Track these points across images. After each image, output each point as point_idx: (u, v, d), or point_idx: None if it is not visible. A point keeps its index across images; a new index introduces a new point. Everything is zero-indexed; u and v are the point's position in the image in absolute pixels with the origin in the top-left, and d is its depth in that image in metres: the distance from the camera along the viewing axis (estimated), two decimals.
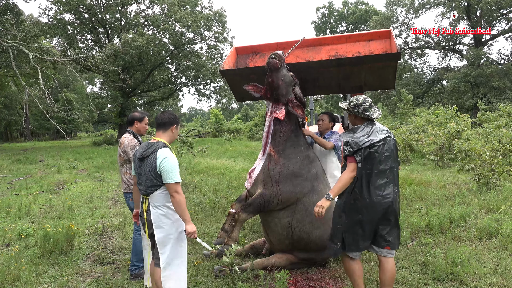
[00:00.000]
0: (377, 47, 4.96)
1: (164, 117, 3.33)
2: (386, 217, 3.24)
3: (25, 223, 6.30)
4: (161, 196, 3.19)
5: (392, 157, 3.28)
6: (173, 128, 3.36)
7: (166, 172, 3.09)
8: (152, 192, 3.19)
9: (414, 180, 9.33)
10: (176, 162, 3.15)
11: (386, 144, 3.25)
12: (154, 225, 3.19)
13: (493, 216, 5.81)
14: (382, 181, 3.21)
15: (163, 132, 3.33)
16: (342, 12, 54.68)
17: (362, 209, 3.21)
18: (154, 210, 3.21)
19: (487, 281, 3.88)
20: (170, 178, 3.09)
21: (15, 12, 25.55)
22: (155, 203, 3.21)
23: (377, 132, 3.28)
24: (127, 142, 4.25)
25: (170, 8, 30.14)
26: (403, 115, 29.23)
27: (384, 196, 3.20)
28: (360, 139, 3.22)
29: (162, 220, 3.19)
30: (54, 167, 14.81)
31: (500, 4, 31.02)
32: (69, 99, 39.99)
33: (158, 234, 3.19)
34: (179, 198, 3.10)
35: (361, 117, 3.39)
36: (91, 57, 24.92)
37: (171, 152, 3.20)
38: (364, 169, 3.19)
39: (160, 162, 3.09)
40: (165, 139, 3.31)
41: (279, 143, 4.31)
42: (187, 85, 36.29)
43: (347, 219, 3.27)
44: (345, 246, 3.29)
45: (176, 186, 3.10)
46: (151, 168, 3.13)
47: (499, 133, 12.94)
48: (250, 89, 4.51)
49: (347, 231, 3.28)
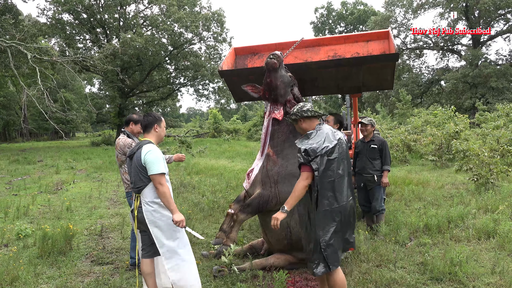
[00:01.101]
0: (376, 48, 4.97)
1: (144, 120, 3.54)
2: (350, 220, 3.22)
3: (24, 224, 6.29)
4: (150, 192, 3.33)
5: (346, 159, 3.24)
6: (155, 127, 3.52)
7: (150, 163, 3.24)
8: (142, 189, 3.33)
9: (412, 180, 9.35)
10: (160, 155, 3.30)
11: (339, 147, 3.19)
12: (148, 221, 3.32)
13: (491, 216, 5.82)
14: (343, 185, 3.15)
15: (148, 133, 3.54)
16: (341, 12, 54.77)
17: (335, 218, 3.09)
18: (146, 207, 3.33)
19: (485, 281, 3.89)
20: (153, 169, 3.23)
21: (14, 12, 25.50)
22: (146, 199, 3.34)
23: (330, 137, 3.19)
24: (122, 143, 4.36)
25: (168, 8, 30.15)
26: (401, 116, 29.27)
27: (348, 200, 3.18)
28: (316, 146, 3.09)
29: (154, 215, 3.32)
30: (52, 168, 14.78)
31: (498, 5, 31.11)
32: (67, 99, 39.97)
33: (152, 229, 3.33)
34: (163, 190, 3.24)
35: (310, 117, 3.29)
36: (89, 57, 24.91)
37: (155, 146, 3.40)
38: (326, 177, 3.06)
39: (145, 155, 3.26)
40: (151, 139, 3.51)
41: (278, 143, 4.32)
42: (185, 85, 36.30)
43: (323, 234, 3.07)
44: (329, 265, 3.06)
45: (160, 177, 3.24)
46: (137, 162, 3.31)
47: (497, 134, 12.99)
48: (248, 89, 4.52)
49: (327, 246, 3.06)
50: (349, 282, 3.95)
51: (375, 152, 5.64)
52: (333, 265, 3.08)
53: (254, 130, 33.19)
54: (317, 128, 3.28)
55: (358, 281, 3.94)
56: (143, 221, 3.36)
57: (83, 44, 33.12)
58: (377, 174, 5.58)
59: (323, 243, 3.05)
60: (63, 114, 25.50)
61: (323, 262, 3.06)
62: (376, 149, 5.63)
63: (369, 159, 5.62)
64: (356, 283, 3.92)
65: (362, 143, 5.77)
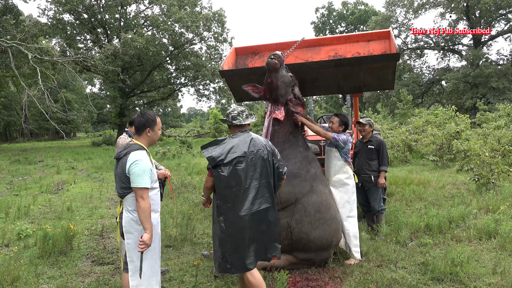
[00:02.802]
0: (377, 48, 4.97)
1: (136, 121, 3.18)
2: (254, 232, 3.14)
3: (25, 224, 6.29)
4: (132, 200, 3.05)
5: (263, 169, 3.14)
6: (147, 131, 3.17)
7: (134, 176, 2.94)
8: (126, 195, 3.06)
9: (413, 180, 9.34)
10: (146, 166, 2.99)
11: (254, 158, 3.12)
12: (124, 230, 3.06)
13: (492, 217, 5.81)
14: (247, 196, 3.09)
15: (139, 136, 3.20)
16: (342, 12, 54.74)
17: (230, 228, 3.09)
18: (126, 214, 3.07)
19: (486, 281, 3.88)
20: (137, 182, 2.94)
21: (15, 12, 25.54)
22: (128, 207, 3.07)
23: (243, 146, 3.13)
24: (122, 142, 4.38)
25: (169, 8, 30.18)
26: (402, 116, 29.25)
27: (252, 212, 3.10)
28: (216, 155, 3.11)
29: (133, 226, 3.04)
30: (53, 168, 14.80)
31: (499, 5, 31.08)
32: (68, 100, 40.03)
33: (127, 239, 3.05)
34: (144, 205, 2.93)
35: (234, 126, 3.36)
36: (90, 58, 24.92)
37: (145, 155, 3.04)
38: (225, 187, 3.09)
39: (130, 165, 2.96)
40: (142, 142, 3.17)
41: (278, 143, 4.32)
42: (186, 85, 36.33)
43: (217, 242, 3.15)
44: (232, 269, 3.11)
45: (142, 191, 2.95)
46: (122, 170, 3.03)
47: (498, 134, 12.97)
48: (249, 89, 4.52)
49: (226, 254, 3.10)
50: (350, 282, 3.95)
51: (373, 152, 5.64)
52: (238, 270, 3.12)
53: (255, 130, 33.18)
54: (234, 135, 3.32)
55: (359, 281, 3.93)
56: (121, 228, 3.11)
57: (84, 44, 33.18)
58: (374, 174, 5.57)
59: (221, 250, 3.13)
60: (64, 114, 25.52)
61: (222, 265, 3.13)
62: (374, 149, 5.63)
63: (366, 159, 5.62)
64: (357, 283, 3.91)
65: (361, 143, 5.77)
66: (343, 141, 4.58)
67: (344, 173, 4.63)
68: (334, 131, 4.73)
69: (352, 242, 4.55)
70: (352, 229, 4.57)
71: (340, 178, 4.62)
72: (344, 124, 4.72)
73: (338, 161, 4.64)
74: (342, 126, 4.72)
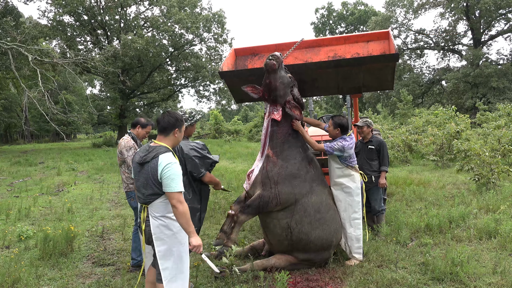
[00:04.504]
0: (376, 48, 4.97)
1: (164, 122, 3.04)
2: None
3: (25, 225, 6.30)
4: (161, 205, 2.93)
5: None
6: (175, 131, 3.06)
7: (168, 180, 2.81)
8: (152, 201, 2.93)
9: (413, 180, 9.34)
10: (179, 170, 2.89)
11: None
12: (154, 237, 2.92)
13: (493, 216, 5.81)
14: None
15: (165, 136, 3.05)
16: (341, 13, 54.78)
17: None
18: (154, 221, 2.94)
19: (486, 281, 3.88)
20: (172, 187, 2.81)
21: (15, 14, 25.58)
22: (155, 213, 2.94)
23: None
24: (124, 143, 4.41)
25: (169, 9, 30.19)
26: (402, 116, 29.25)
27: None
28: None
29: (163, 232, 2.92)
30: (54, 169, 14.80)
31: (499, 5, 31.08)
32: (68, 101, 40.05)
33: (158, 247, 2.93)
34: (183, 209, 2.80)
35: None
36: (90, 59, 24.92)
37: (174, 157, 2.93)
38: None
39: (162, 169, 2.82)
40: (167, 143, 3.03)
41: (277, 144, 4.32)
42: (186, 86, 36.33)
43: None
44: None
45: (178, 195, 2.82)
46: (152, 175, 2.87)
47: (498, 133, 12.97)
48: (248, 90, 4.52)
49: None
50: (350, 283, 3.95)
51: (373, 153, 5.63)
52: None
53: (255, 131, 33.19)
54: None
55: (359, 282, 3.94)
56: (150, 236, 2.98)
57: (84, 46, 33.16)
58: (375, 175, 5.57)
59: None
60: (64, 116, 25.51)
61: None
62: (374, 150, 5.63)
63: (366, 160, 5.61)
64: (357, 283, 3.92)
65: (361, 143, 5.77)
66: (338, 149, 4.41)
67: (346, 176, 4.53)
68: (331, 135, 4.68)
69: (354, 244, 4.51)
70: (355, 232, 4.51)
71: (341, 181, 4.54)
72: (339, 126, 4.56)
73: (339, 165, 4.56)
74: (338, 129, 4.57)
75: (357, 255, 4.50)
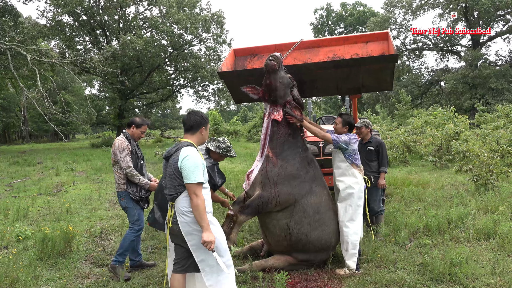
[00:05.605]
0: (375, 49, 4.98)
1: (191, 120, 3.14)
2: None
3: (23, 226, 6.29)
4: (186, 200, 2.98)
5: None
6: (202, 130, 3.17)
7: (187, 171, 2.89)
8: (177, 196, 3.00)
9: (412, 181, 9.35)
10: (199, 161, 2.96)
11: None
12: (184, 233, 2.98)
13: (491, 217, 5.82)
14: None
15: (191, 134, 3.17)
16: (340, 13, 54.85)
17: None
18: (181, 218, 2.99)
19: (485, 282, 3.88)
20: (190, 177, 2.89)
21: (13, 14, 25.56)
22: (181, 209, 2.99)
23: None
24: (118, 144, 4.37)
25: (168, 10, 30.16)
26: (401, 116, 29.28)
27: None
28: None
29: (191, 226, 2.97)
30: (52, 169, 14.78)
31: (497, 6, 31.13)
32: (67, 101, 39.97)
33: (190, 241, 2.98)
34: (197, 201, 2.88)
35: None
36: (89, 59, 24.92)
37: (196, 151, 3.02)
38: None
39: (182, 160, 2.93)
40: (193, 141, 3.15)
41: (277, 144, 4.32)
42: (185, 86, 36.30)
43: None
44: None
45: (196, 187, 2.89)
46: (174, 166, 2.99)
47: (497, 134, 13.01)
48: (248, 91, 4.52)
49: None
50: (349, 283, 3.95)
51: (372, 153, 5.63)
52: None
53: (254, 131, 33.19)
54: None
55: (358, 282, 3.94)
56: (179, 233, 3.01)
57: (83, 46, 33.12)
58: (374, 175, 5.57)
59: None
60: (63, 116, 25.47)
61: None
62: (373, 150, 5.63)
63: (365, 160, 5.60)
64: (356, 284, 3.91)
65: (360, 144, 5.75)
66: (344, 142, 4.33)
67: (349, 176, 4.38)
68: (338, 133, 4.53)
69: (349, 250, 4.27)
70: (352, 236, 4.29)
71: (343, 181, 4.40)
72: (348, 124, 4.51)
73: (343, 163, 4.41)
74: (346, 127, 4.51)
75: (351, 262, 4.27)
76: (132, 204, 4.38)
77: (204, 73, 31.63)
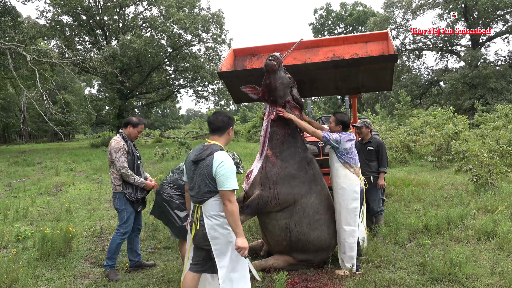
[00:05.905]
0: (375, 49, 4.98)
1: (218, 121, 3.11)
2: None
3: (23, 226, 6.28)
4: (215, 204, 2.96)
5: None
6: (229, 130, 3.16)
7: (222, 177, 2.86)
8: (206, 200, 2.96)
9: (412, 181, 9.35)
10: (234, 168, 2.94)
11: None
12: (210, 236, 2.96)
13: (491, 217, 5.82)
14: None
15: (219, 136, 3.14)
16: (340, 13, 54.84)
17: None
18: (208, 220, 2.96)
19: (484, 282, 3.88)
20: (225, 184, 2.85)
21: (13, 14, 25.55)
22: (210, 212, 2.97)
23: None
24: (113, 145, 4.34)
25: (168, 10, 30.16)
26: (401, 117, 29.29)
27: None
28: None
29: (218, 230, 2.96)
30: (52, 169, 14.77)
31: (497, 6, 31.15)
32: (67, 101, 39.95)
33: (214, 245, 2.97)
34: (232, 208, 2.84)
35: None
36: (89, 59, 24.91)
37: (229, 156, 3.00)
38: None
39: (217, 166, 2.87)
40: (220, 142, 3.12)
41: (277, 145, 4.32)
42: (185, 86, 36.30)
43: None
44: None
45: (230, 194, 2.86)
46: (207, 172, 2.91)
47: (496, 134, 13.01)
48: (247, 91, 4.52)
49: None
50: (348, 283, 3.95)
51: (372, 153, 5.63)
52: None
53: (253, 131, 33.19)
54: None
55: (357, 282, 3.94)
56: (204, 236, 2.99)
57: (82, 46, 33.12)
58: (374, 175, 5.57)
59: None
60: (62, 116, 25.48)
61: None
62: (373, 150, 5.62)
63: (365, 160, 5.60)
64: (355, 284, 3.92)
65: (360, 144, 5.76)
66: (334, 140, 4.21)
67: (342, 177, 4.25)
68: (331, 131, 4.44)
69: (346, 252, 4.22)
70: (349, 239, 4.20)
71: (337, 182, 4.30)
72: (341, 123, 4.39)
73: (336, 163, 4.31)
74: (340, 126, 4.39)
75: (349, 264, 4.24)
76: (125, 206, 4.34)
77: (203, 73, 31.63)
